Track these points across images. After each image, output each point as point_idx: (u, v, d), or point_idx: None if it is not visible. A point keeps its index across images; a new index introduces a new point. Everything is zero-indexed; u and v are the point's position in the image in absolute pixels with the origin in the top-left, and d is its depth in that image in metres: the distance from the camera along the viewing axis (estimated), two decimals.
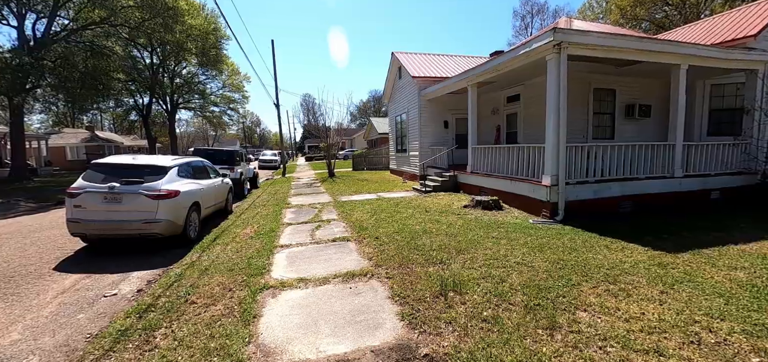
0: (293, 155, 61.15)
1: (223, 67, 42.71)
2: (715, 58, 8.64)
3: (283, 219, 8.02)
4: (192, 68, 41.72)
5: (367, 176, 18.32)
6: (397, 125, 17.38)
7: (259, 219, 8.13)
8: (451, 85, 11.78)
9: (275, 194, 12.98)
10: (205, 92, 42.95)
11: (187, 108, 46.40)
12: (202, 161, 8.58)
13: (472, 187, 10.44)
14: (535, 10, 44.75)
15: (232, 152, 13.47)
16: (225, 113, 52.24)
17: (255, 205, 10.52)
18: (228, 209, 9.58)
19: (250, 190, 15.16)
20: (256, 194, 13.74)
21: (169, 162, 6.72)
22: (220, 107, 49.66)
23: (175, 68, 38.86)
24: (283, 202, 10.64)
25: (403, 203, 9.29)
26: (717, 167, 9.43)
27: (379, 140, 32.24)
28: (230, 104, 50.53)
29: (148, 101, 36.32)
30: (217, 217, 8.67)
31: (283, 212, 8.98)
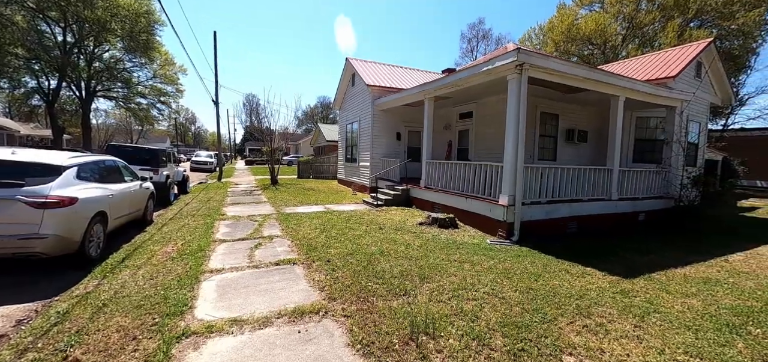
0: (232, 158, 56.97)
1: (154, 55, 38.46)
2: (646, 93, 9.40)
3: (215, 234, 6.85)
4: (116, 52, 36.91)
5: (313, 185, 17.30)
6: (348, 134, 16.70)
7: (186, 233, 6.86)
8: (407, 97, 11.48)
9: (208, 201, 11.45)
10: (131, 81, 38.26)
11: (108, 97, 40.88)
12: (115, 160, 7.08)
13: (425, 202, 10.13)
14: (481, 35, 47.46)
15: (156, 151, 11.66)
16: (154, 106, 47.14)
17: (182, 214, 9.06)
18: (147, 218, 8.08)
19: (178, 195, 13.31)
20: (185, 200, 12.03)
21: (65, 160, 5.29)
22: (148, 98, 44.68)
23: (94, 50, 33.99)
24: (216, 212, 9.32)
25: (354, 218, 8.61)
26: (643, 191, 10.25)
27: (327, 148, 31.20)
28: (161, 97, 45.72)
29: (55, 85, 31.05)
30: (132, 229, 7.19)
31: (216, 224, 7.75)
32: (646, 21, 28.42)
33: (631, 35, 29.64)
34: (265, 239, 6.50)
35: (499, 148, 11.09)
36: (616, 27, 29.86)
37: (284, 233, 7.05)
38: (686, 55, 11.66)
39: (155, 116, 49.75)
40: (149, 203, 8.44)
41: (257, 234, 6.90)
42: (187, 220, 8.27)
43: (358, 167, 15.18)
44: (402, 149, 14.27)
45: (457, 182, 9.05)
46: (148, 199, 8.22)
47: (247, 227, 7.59)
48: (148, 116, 47.27)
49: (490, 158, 10.70)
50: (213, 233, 6.95)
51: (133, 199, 7.13)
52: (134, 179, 7.56)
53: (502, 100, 10.88)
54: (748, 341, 3.45)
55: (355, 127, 15.66)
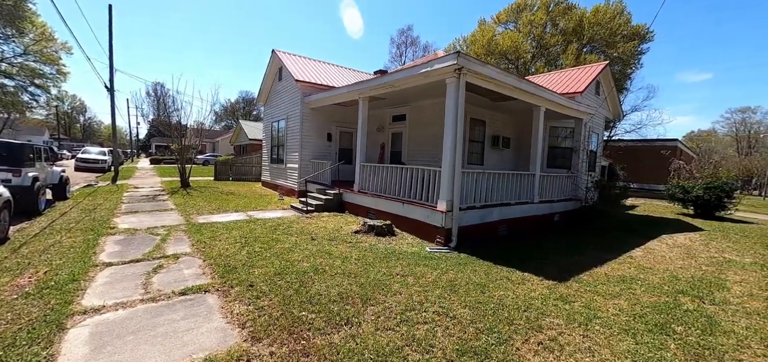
0: (134, 156, 49.29)
1: (25, 26, 31.42)
2: (562, 105, 10.23)
3: (98, 256, 5.37)
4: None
5: (233, 188, 15.53)
6: (274, 132, 15.37)
7: (54, 256, 5.25)
8: (340, 96, 10.83)
9: (95, 209, 9.32)
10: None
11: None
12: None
13: (360, 208, 9.61)
14: (409, 41, 48.84)
15: (16, 146, 9.12)
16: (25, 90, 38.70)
17: (54, 229, 7.10)
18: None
19: (52, 203, 10.65)
20: (62, 208, 9.62)
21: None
22: (16, 80, 36.41)
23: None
24: (104, 224, 7.53)
25: (282, 227, 7.68)
26: (557, 194, 11.19)
27: (249, 147, 28.78)
28: (36, 79, 37.69)
29: None
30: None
31: (101, 241, 6.16)
32: (551, 42, 32.09)
33: (539, 54, 33.18)
34: (168, 259, 5.28)
35: (432, 152, 11.17)
36: (527, 45, 33.13)
37: (195, 249, 5.86)
38: (590, 74, 13.15)
39: (27, 102, 40.99)
40: (3, 215, 6.44)
41: (158, 253, 5.60)
42: (59, 236, 6.45)
43: (285, 169, 14.01)
44: (333, 151, 13.55)
45: (393, 187, 8.71)
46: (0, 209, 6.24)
47: (144, 243, 6.17)
48: (15, 101, 38.50)
49: (423, 161, 10.65)
50: (95, 253, 5.44)
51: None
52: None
53: (436, 104, 10.94)
54: (678, 341, 3.62)
55: (281, 125, 14.45)
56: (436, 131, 10.99)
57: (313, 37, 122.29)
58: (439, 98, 10.68)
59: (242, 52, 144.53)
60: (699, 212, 15.47)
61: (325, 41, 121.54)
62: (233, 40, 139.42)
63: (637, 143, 29.81)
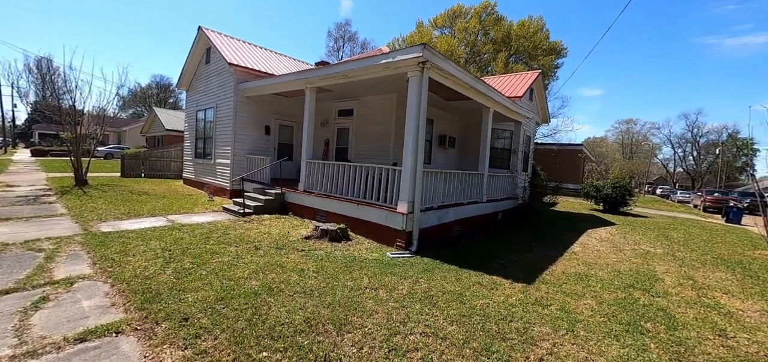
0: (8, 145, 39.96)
1: None
2: (508, 108, 10.55)
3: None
4: None
5: (147, 187, 13.22)
6: (200, 122, 13.45)
7: None
8: (284, 84, 9.74)
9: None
10: None
11: None
12: None
13: (306, 209, 8.71)
14: (347, 36, 47.89)
15: None
16: None
17: None
18: None
19: None
20: None
21: None
22: None
23: None
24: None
25: (216, 235, 6.47)
26: (501, 193, 11.58)
27: (166, 138, 25.26)
28: None
29: None
30: None
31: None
32: (483, 50, 34.06)
33: (471, 59, 34.99)
34: (57, 286, 3.90)
35: (380, 149, 10.69)
36: (461, 51, 34.71)
37: (98, 269, 4.48)
38: (527, 80, 13.93)
39: None
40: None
41: (42, 277, 4.14)
42: None
43: (213, 165, 12.31)
44: (271, 146, 12.28)
45: (345, 187, 8.00)
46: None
47: (19, 264, 4.57)
48: None
49: (371, 159, 10.12)
50: None
51: None
52: None
53: (386, 101, 10.48)
54: (654, 340, 3.64)
55: (210, 115, 12.68)
56: (385, 129, 10.55)
57: (232, 22, 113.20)
58: (390, 94, 10.27)
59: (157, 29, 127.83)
60: (607, 208, 17.54)
61: (244, 27, 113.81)
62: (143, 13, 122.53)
63: (552, 147, 33.14)
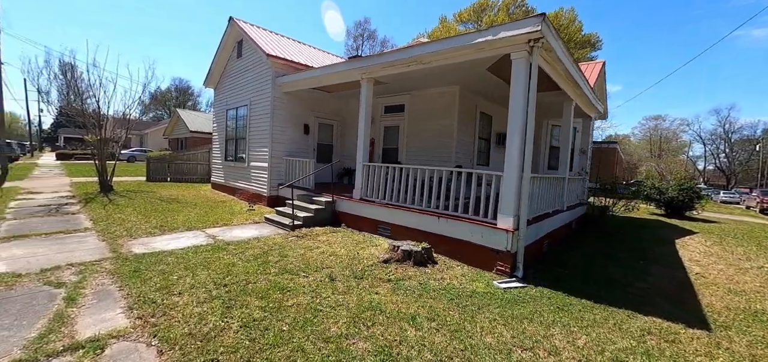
0: (34, 149, 40.25)
1: None
2: (589, 102, 9.01)
3: None
4: None
5: (175, 193, 12.16)
6: (230, 122, 12.31)
7: None
8: (332, 75, 8.45)
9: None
10: None
11: None
12: None
13: (363, 221, 7.39)
14: (367, 34, 46.73)
15: None
16: None
17: None
18: None
19: None
20: None
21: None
22: None
23: None
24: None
25: (273, 258, 5.18)
26: (574, 199, 10.05)
27: (190, 140, 24.46)
28: None
29: None
30: None
31: None
32: None
33: None
34: (83, 355, 2.65)
35: (440, 149, 9.27)
36: None
37: (137, 319, 3.22)
38: (594, 71, 12.31)
39: None
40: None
41: (59, 337, 2.89)
42: None
43: (247, 169, 11.13)
44: (311, 147, 11.03)
45: (412, 195, 6.63)
46: None
47: (31, 308, 3.36)
48: None
49: (427, 161, 8.76)
50: None
51: None
52: None
53: (447, 93, 9.07)
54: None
55: (242, 113, 11.52)
56: (445, 126, 9.14)
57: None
58: (452, 86, 8.87)
59: (176, 31, 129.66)
60: (670, 212, 15.68)
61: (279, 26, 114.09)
62: (157, 17, 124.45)
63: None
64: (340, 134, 11.94)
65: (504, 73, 7.05)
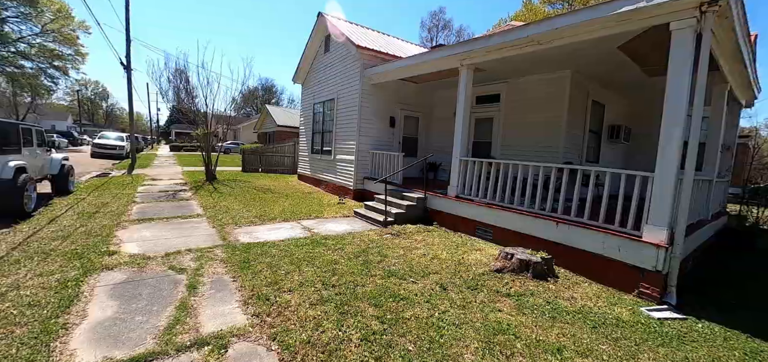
0: (154, 142, 47.64)
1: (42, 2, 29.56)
2: (748, 85, 7.11)
3: (70, 334, 2.74)
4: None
5: (267, 183, 12.93)
6: (317, 116, 12.64)
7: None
8: (425, 64, 7.95)
9: (96, 213, 6.81)
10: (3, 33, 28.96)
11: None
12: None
13: (460, 220, 6.78)
14: (442, 24, 45.38)
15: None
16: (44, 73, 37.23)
17: (27, 251, 4.59)
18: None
19: (49, 199, 8.26)
20: (57, 208, 7.18)
21: None
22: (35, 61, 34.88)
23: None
24: (101, 243, 4.96)
25: (373, 257, 4.90)
26: (717, 205, 8.14)
27: (277, 134, 26.28)
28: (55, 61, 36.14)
29: None
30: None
31: (85, 289, 3.56)
32: None
33: None
34: (208, 354, 2.57)
35: (544, 143, 8.14)
36: None
37: (253, 316, 3.12)
38: None
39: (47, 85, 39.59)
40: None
41: (185, 328, 2.90)
42: (24, 270, 3.88)
43: (333, 162, 11.28)
44: (396, 140, 10.72)
45: (520, 195, 5.82)
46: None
47: (159, 295, 3.50)
48: (35, 84, 37.15)
49: (527, 156, 7.75)
50: (67, 320, 2.82)
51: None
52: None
53: (555, 80, 7.92)
54: None
55: (329, 107, 11.70)
56: (552, 117, 8.01)
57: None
58: (561, 71, 7.72)
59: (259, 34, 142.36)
60: None
61: None
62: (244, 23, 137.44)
63: None
64: (426, 126, 11.43)
65: (641, 52, 5.83)
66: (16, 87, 37.38)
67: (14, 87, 37.39)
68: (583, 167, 5.18)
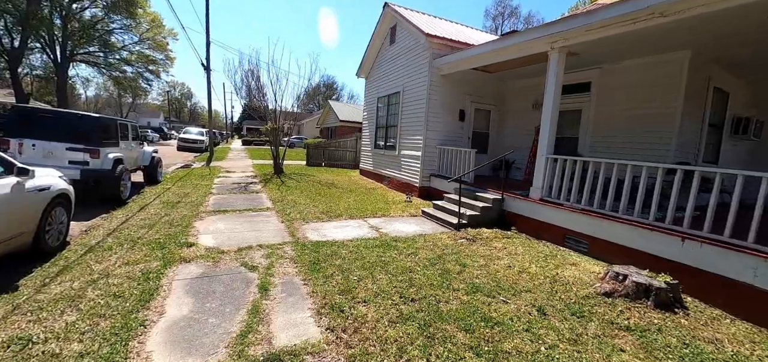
0: (228, 137, 52.18)
1: (138, 14, 33.53)
2: None
3: (149, 333, 2.66)
4: (98, 11, 31.93)
5: (331, 177, 13.01)
6: (381, 110, 12.36)
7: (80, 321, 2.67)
8: (504, 49, 7.15)
9: (179, 202, 7.22)
10: (109, 42, 33.34)
11: (89, 63, 36.03)
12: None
13: (544, 227, 5.94)
14: (508, 12, 42.72)
15: (98, 121, 7.34)
16: (141, 76, 42.30)
17: (120, 237, 4.89)
18: (42, 246, 4.21)
19: (141, 188, 9.06)
20: (149, 196, 7.81)
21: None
22: (135, 66, 39.79)
23: (72, 5, 29.13)
24: (182, 233, 5.11)
25: (451, 266, 4.38)
26: None
27: (339, 129, 26.80)
28: (149, 66, 40.89)
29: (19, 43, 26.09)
30: None
31: (165, 278, 3.58)
32: None
33: None
34: None
35: (649, 140, 6.87)
36: None
37: (327, 330, 2.79)
38: None
39: (144, 87, 44.96)
40: (54, 214, 4.48)
41: (258, 338, 2.67)
42: (113, 257, 4.05)
43: (397, 157, 10.90)
44: (465, 135, 9.99)
45: (623, 201, 4.84)
46: (41, 212, 4.17)
47: (232, 293, 3.36)
48: (134, 86, 42.48)
49: (619, 155, 6.54)
50: (146, 316, 2.76)
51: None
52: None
53: (665, 64, 6.58)
54: None
55: (394, 101, 11.33)
56: (661, 109, 6.69)
57: None
58: (674, 52, 6.38)
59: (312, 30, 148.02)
60: None
61: None
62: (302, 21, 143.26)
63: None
64: (498, 120, 10.51)
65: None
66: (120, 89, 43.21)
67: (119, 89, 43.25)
68: (711, 169, 4.09)
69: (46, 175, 4.52)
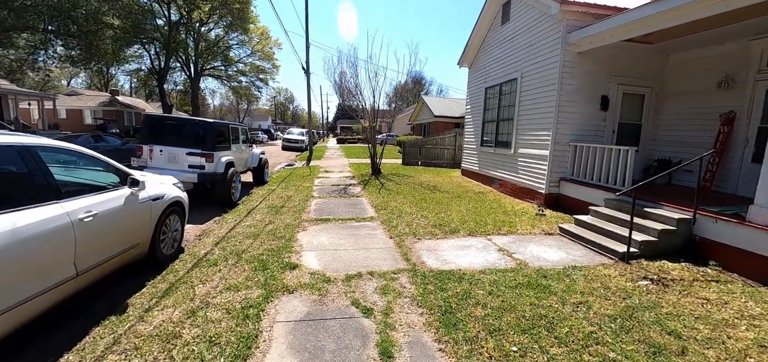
0: (324, 136, 55.68)
1: (250, 28, 37.39)
2: None
3: None
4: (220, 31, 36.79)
5: (431, 179, 11.88)
6: (490, 101, 10.74)
7: None
8: (687, 5, 4.98)
9: (281, 208, 6.95)
10: (229, 56, 37.92)
11: (213, 76, 41.87)
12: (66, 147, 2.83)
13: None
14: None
15: (212, 125, 7.51)
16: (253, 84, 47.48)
17: (226, 249, 4.57)
18: (158, 255, 4.16)
19: (250, 189, 9.32)
20: (255, 198, 7.84)
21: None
22: (248, 76, 44.81)
23: (200, 28, 34.00)
24: (284, 249, 4.57)
25: (660, 336, 2.84)
26: None
27: (433, 126, 25.59)
28: (259, 75, 45.61)
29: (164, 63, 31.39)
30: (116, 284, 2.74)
31: (265, 325, 2.87)
32: None
33: None
34: None
35: None
36: None
37: None
38: None
39: (256, 94, 50.38)
40: (168, 222, 4.34)
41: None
42: (223, 274, 3.59)
43: (513, 156, 9.19)
44: (609, 128, 7.79)
45: None
46: (157, 223, 4.02)
47: (344, 347, 2.48)
48: (248, 93, 47.95)
49: None
50: None
51: (96, 232, 2.82)
52: (116, 184, 3.44)
53: None
54: None
55: (507, 90, 9.64)
56: None
57: None
58: None
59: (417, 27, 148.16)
60: None
61: None
62: None
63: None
64: (654, 107, 8.03)
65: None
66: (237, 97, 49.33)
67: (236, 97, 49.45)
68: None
69: (159, 184, 4.36)
